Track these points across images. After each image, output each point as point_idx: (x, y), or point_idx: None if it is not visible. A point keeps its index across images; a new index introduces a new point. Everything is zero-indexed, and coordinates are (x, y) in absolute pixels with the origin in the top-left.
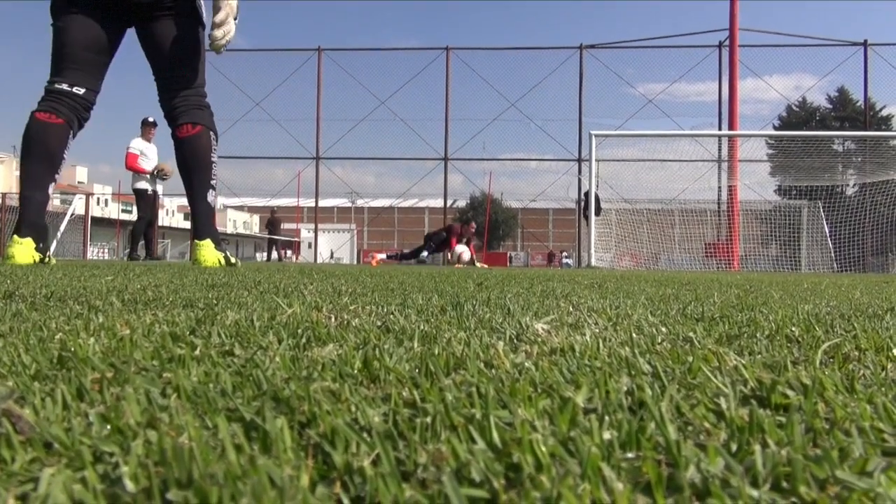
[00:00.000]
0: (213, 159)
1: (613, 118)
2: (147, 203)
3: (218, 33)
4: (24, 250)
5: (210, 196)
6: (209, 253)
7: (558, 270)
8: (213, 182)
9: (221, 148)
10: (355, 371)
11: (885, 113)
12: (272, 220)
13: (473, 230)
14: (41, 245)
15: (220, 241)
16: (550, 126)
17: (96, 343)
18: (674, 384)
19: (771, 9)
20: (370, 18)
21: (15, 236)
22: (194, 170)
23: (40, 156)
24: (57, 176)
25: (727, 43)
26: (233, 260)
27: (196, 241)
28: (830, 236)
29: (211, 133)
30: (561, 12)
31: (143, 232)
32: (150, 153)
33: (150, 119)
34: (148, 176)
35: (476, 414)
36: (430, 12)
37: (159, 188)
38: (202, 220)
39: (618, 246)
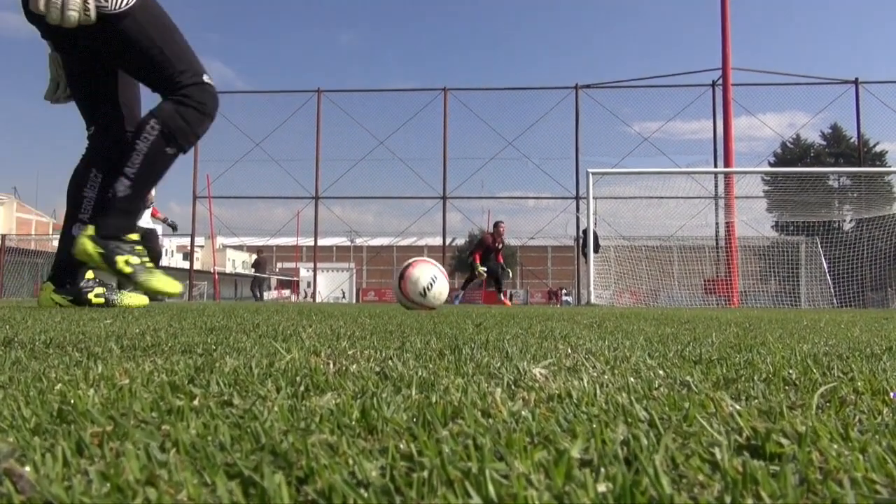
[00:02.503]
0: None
1: (610, 156)
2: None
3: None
4: (43, 295)
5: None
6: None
7: (557, 309)
8: None
9: (221, 188)
10: (353, 422)
11: (878, 149)
12: (258, 262)
13: (503, 231)
14: (68, 286)
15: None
16: (548, 164)
17: (96, 394)
18: (669, 433)
19: (762, 48)
20: (369, 60)
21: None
22: None
23: (68, 196)
24: (81, 215)
25: (720, 82)
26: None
27: None
28: (829, 272)
29: None
30: (556, 53)
31: None
32: None
33: None
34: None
35: (472, 467)
36: (428, 54)
37: (152, 224)
38: None
39: (617, 283)
